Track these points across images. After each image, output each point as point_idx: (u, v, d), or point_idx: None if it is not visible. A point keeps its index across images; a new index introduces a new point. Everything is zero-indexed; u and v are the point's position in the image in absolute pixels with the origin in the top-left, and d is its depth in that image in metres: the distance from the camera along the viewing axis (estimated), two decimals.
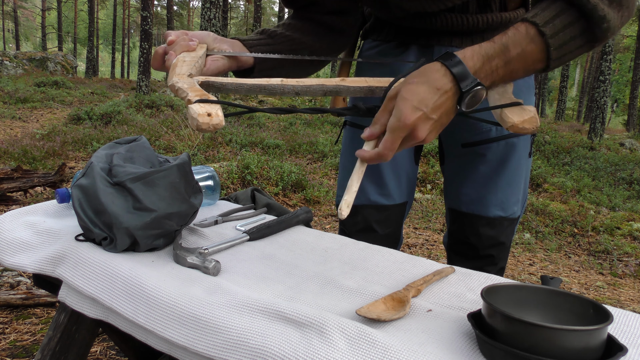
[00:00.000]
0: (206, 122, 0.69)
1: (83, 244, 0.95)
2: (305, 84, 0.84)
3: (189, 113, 0.70)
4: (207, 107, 0.71)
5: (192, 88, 0.76)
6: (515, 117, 0.78)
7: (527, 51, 0.76)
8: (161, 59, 0.91)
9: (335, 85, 0.86)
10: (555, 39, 0.76)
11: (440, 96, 0.74)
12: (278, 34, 1.08)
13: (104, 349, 1.70)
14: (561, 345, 0.59)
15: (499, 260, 1.28)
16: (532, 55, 0.77)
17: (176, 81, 0.79)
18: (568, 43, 0.77)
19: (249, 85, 0.82)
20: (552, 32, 0.76)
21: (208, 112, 0.70)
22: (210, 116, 0.69)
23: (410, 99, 0.73)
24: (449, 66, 0.74)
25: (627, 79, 21.25)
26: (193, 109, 0.70)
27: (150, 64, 11.60)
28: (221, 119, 0.70)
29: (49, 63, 16.97)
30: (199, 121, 0.69)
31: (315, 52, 1.12)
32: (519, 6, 1.12)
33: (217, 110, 0.71)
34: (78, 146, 5.56)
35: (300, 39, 1.10)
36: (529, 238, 3.95)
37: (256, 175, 4.25)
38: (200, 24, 8.39)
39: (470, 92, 0.74)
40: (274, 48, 1.06)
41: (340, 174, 1.33)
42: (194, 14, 37.03)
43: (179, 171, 0.98)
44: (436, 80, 0.74)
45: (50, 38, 36.47)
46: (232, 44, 1.00)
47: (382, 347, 0.64)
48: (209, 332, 0.72)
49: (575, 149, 8.58)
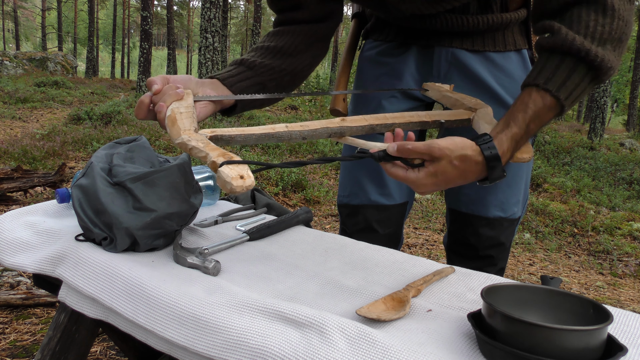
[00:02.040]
0: (240, 184, 0.68)
1: (83, 244, 0.95)
2: (310, 128, 0.88)
3: (220, 177, 0.69)
4: (236, 168, 0.70)
5: (209, 146, 0.76)
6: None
7: (545, 120, 0.83)
8: (147, 109, 0.89)
9: (339, 127, 0.90)
10: (569, 99, 0.82)
11: (464, 181, 0.81)
12: (257, 64, 1.05)
13: (104, 349, 1.70)
14: (561, 345, 0.59)
15: (498, 261, 1.28)
16: (548, 118, 0.84)
17: (187, 139, 0.78)
18: (579, 96, 0.83)
19: (257, 135, 0.84)
20: (566, 95, 0.81)
21: (240, 174, 0.69)
22: (243, 178, 0.69)
23: (439, 182, 0.80)
24: (487, 162, 0.80)
25: (627, 79, 21.25)
26: (225, 172, 0.69)
27: (149, 64, 11.61)
28: (253, 179, 0.70)
29: (49, 63, 16.97)
30: (234, 185, 0.68)
31: (297, 72, 1.11)
32: (519, 7, 1.12)
33: (247, 171, 0.71)
34: (78, 146, 5.56)
35: (280, 65, 1.08)
36: (529, 238, 3.95)
37: (256, 177, 4.25)
38: (200, 24, 8.40)
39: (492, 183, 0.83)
40: (254, 80, 1.05)
41: (341, 173, 1.33)
42: (194, 14, 37.04)
43: (179, 171, 0.98)
44: (471, 174, 0.80)
45: (50, 38, 36.48)
46: (213, 85, 0.99)
47: (382, 347, 0.64)
48: (209, 332, 0.72)
49: (575, 149, 8.58)
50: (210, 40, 8.23)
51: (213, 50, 8.29)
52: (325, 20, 1.13)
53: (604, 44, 0.80)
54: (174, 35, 22.67)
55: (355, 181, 1.27)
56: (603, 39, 0.80)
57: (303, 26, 1.11)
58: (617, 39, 0.82)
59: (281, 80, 1.09)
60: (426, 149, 0.78)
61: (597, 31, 0.80)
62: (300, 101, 11.24)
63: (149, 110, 0.89)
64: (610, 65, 0.80)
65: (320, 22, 1.13)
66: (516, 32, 1.15)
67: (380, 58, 1.22)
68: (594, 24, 0.80)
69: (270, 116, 8.98)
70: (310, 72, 1.16)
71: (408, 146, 0.78)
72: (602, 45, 0.80)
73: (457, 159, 0.78)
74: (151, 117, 0.89)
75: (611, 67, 0.81)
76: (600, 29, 0.80)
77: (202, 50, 8.30)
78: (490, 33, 1.12)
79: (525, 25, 1.17)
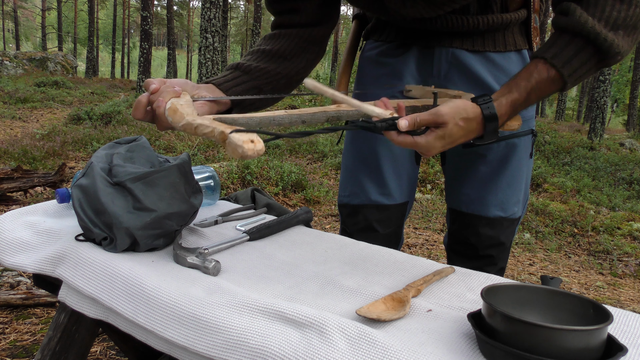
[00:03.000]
0: (251, 148, 0.69)
1: (83, 244, 0.95)
2: (309, 112, 0.90)
3: (230, 142, 0.70)
4: (246, 134, 0.71)
5: (214, 122, 0.77)
6: None
7: (546, 91, 0.87)
8: (144, 108, 0.89)
9: (336, 111, 0.93)
10: (572, 76, 0.85)
11: (467, 138, 0.87)
12: (253, 68, 1.06)
13: (104, 349, 1.70)
14: (561, 345, 0.59)
15: (498, 261, 1.28)
16: (550, 91, 0.87)
17: (192, 119, 0.79)
18: (583, 75, 0.86)
19: (258, 119, 0.86)
20: (570, 72, 0.84)
21: (250, 138, 0.70)
22: (254, 142, 0.70)
23: (446, 143, 0.85)
24: (486, 121, 0.86)
25: (627, 79, 21.24)
26: (235, 137, 0.70)
27: (150, 64, 11.61)
28: (263, 144, 0.71)
29: (49, 63, 16.97)
30: (245, 148, 0.69)
31: (292, 75, 1.13)
32: (520, 7, 1.12)
33: (256, 137, 0.72)
34: (78, 146, 5.56)
35: (276, 69, 1.09)
36: (529, 238, 3.95)
37: (256, 175, 4.25)
38: (200, 24, 8.40)
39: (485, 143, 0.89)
40: (250, 85, 1.06)
41: (342, 173, 1.33)
42: (194, 14, 37.04)
43: (179, 171, 0.98)
44: (472, 132, 0.86)
45: (50, 38, 36.48)
46: (209, 89, 0.99)
47: (382, 347, 0.64)
48: (209, 332, 0.72)
49: (575, 149, 8.58)
50: (210, 40, 8.24)
51: (213, 50, 8.29)
52: (321, 23, 1.14)
53: (616, 29, 0.83)
54: (174, 35, 22.66)
55: (356, 181, 1.27)
56: (617, 25, 0.83)
57: (299, 29, 1.12)
58: (631, 25, 0.84)
59: (277, 83, 1.10)
60: (433, 117, 0.83)
61: (612, 16, 0.82)
62: (300, 101, 11.24)
63: (147, 111, 0.89)
64: (618, 51, 0.83)
65: (316, 25, 1.14)
66: (516, 32, 1.15)
67: (381, 58, 1.22)
68: (610, 8, 0.83)
69: None
70: (305, 76, 1.17)
71: (417, 119, 0.83)
72: (615, 30, 0.83)
73: (461, 120, 0.84)
74: (148, 118, 0.89)
75: (619, 52, 0.83)
76: (616, 14, 0.82)
77: (202, 50, 8.30)
78: (490, 33, 1.12)
79: (525, 25, 1.17)
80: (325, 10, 1.13)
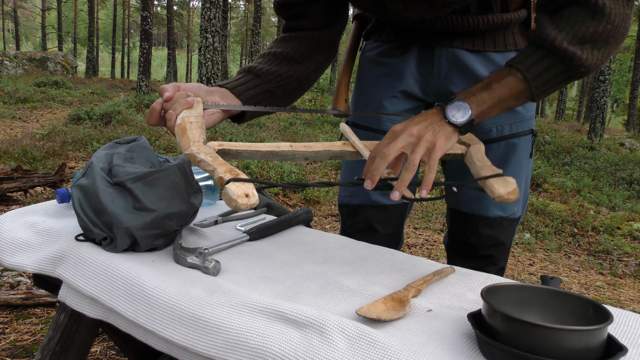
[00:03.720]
0: (245, 202, 0.71)
1: (83, 244, 0.95)
2: (313, 150, 0.92)
3: (225, 193, 0.72)
4: (242, 186, 0.73)
5: (217, 161, 0.78)
6: (501, 188, 0.86)
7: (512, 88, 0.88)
8: (158, 115, 0.91)
9: (340, 151, 0.95)
10: (537, 80, 0.87)
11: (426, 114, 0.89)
12: (264, 71, 1.08)
13: (104, 349, 1.70)
14: (561, 345, 0.59)
15: (498, 260, 1.28)
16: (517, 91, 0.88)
17: (196, 152, 0.81)
18: (549, 81, 0.88)
19: (262, 153, 0.88)
20: (534, 75, 0.87)
21: (245, 192, 0.72)
22: (248, 197, 0.72)
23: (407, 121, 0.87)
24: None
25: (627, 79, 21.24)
26: (231, 190, 0.72)
27: (149, 64, 11.61)
28: (257, 198, 0.73)
29: (49, 63, 16.97)
30: (239, 202, 0.71)
31: (303, 78, 1.14)
32: (520, 7, 1.12)
33: (252, 190, 0.74)
34: (78, 146, 5.56)
35: (287, 72, 1.10)
36: (529, 238, 3.95)
37: (256, 175, 4.25)
38: (200, 24, 8.40)
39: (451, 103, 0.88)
40: (262, 88, 1.07)
41: (342, 173, 1.33)
42: (194, 14, 37.04)
43: (179, 171, 0.98)
44: (424, 112, 0.89)
45: (50, 38, 36.48)
46: (222, 93, 1.01)
47: (382, 347, 0.64)
48: (209, 332, 0.72)
49: (575, 149, 8.57)
50: (210, 40, 8.24)
51: (213, 50, 8.29)
52: (329, 26, 1.15)
53: (582, 43, 0.84)
54: (174, 35, 22.66)
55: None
56: (584, 39, 0.84)
57: (308, 32, 1.14)
58: (602, 40, 0.85)
59: (288, 86, 1.11)
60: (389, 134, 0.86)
61: (580, 31, 0.84)
62: (300, 101, 11.24)
63: (160, 117, 0.91)
64: (581, 63, 0.85)
65: (324, 28, 1.15)
66: (516, 32, 1.15)
67: (381, 59, 1.22)
68: (579, 25, 0.84)
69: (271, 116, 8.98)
70: (317, 78, 1.18)
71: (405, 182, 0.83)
72: (581, 44, 0.84)
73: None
74: (162, 123, 0.92)
75: (582, 64, 0.85)
76: (584, 30, 0.84)
77: (202, 50, 8.30)
78: (490, 33, 1.13)
79: (525, 25, 1.17)
80: (332, 14, 1.14)
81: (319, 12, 1.12)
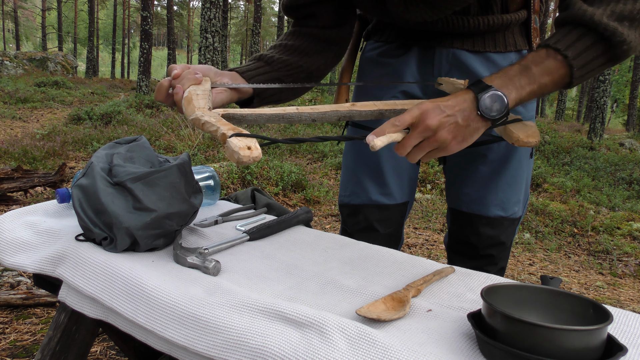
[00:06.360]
0: (247, 155, 0.70)
1: (83, 244, 0.95)
2: (320, 111, 0.88)
3: (228, 147, 0.72)
4: (244, 140, 0.72)
5: (220, 121, 0.78)
6: (520, 132, 0.83)
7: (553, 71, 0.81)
8: (166, 92, 0.92)
9: (348, 111, 0.90)
10: (577, 60, 0.80)
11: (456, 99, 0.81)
12: (275, 59, 1.09)
13: (104, 349, 1.70)
14: (561, 345, 0.59)
15: (499, 260, 1.28)
16: (557, 75, 0.81)
17: (200, 115, 0.81)
18: (590, 62, 0.81)
19: (268, 115, 0.85)
20: (575, 55, 0.80)
21: (248, 145, 0.71)
22: (251, 149, 0.71)
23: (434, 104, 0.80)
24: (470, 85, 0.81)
25: (627, 79, 21.24)
26: (233, 142, 0.71)
27: (150, 64, 11.61)
28: (260, 152, 0.72)
29: (49, 63, 16.98)
30: (241, 154, 0.70)
31: (313, 70, 1.15)
32: (520, 8, 1.12)
33: (254, 143, 0.73)
34: (78, 146, 5.56)
35: (297, 62, 1.12)
36: (529, 238, 3.95)
37: (256, 175, 4.25)
38: (200, 24, 8.39)
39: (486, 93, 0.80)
40: (272, 75, 1.08)
41: (343, 173, 1.33)
42: (194, 14, 37.04)
43: (179, 171, 0.98)
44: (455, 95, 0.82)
45: (50, 38, 36.49)
46: (232, 77, 1.02)
47: (382, 347, 0.64)
48: (209, 332, 0.72)
49: (575, 149, 8.57)
50: (210, 40, 8.24)
51: (213, 50, 8.29)
52: (339, 26, 1.16)
53: (621, 20, 0.80)
54: (174, 35, 22.64)
55: (357, 181, 1.27)
56: (622, 16, 0.80)
57: (318, 30, 1.15)
58: (638, 19, 0.81)
59: (297, 76, 1.13)
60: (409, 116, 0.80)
61: (618, 7, 0.81)
62: (300, 101, 11.24)
63: (168, 94, 0.92)
64: (622, 39, 0.80)
65: (334, 28, 1.16)
66: (516, 33, 1.15)
67: (382, 59, 1.23)
68: (615, 2, 0.81)
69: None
70: (326, 72, 1.19)
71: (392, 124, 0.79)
72: (619, 21, 0.80)
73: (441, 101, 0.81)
74: (169, 101, 0.92)
75: (624, 40, 0.80)
76: (622, 6, 0.81)
77: (202, 50, 8.30)
78: (490, 34, 1.13)
79: (525, 26, 1.17)
80: (341, 14, 1.15)
81: (328, 12, 1.13)
